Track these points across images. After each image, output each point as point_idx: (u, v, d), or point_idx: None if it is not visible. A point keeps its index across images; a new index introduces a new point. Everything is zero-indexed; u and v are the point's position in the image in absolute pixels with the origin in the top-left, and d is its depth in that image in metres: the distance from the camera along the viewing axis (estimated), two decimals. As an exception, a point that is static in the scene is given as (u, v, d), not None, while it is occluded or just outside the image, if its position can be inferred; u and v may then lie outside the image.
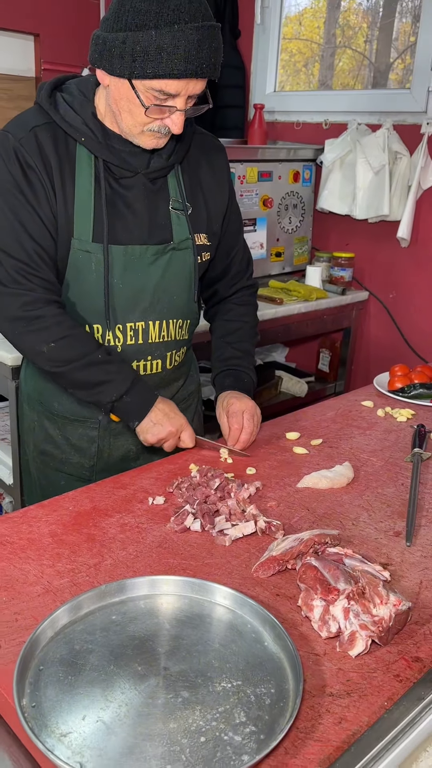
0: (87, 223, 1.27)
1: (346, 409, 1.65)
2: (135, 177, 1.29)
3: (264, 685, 0.79)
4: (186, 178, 1.37)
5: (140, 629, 0.87)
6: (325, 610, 0.88)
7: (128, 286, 1.32)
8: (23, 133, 1.23)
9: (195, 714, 0.74)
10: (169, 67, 1.08)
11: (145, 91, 1.13)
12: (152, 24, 1.07)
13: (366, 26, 3.08)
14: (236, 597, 0.91)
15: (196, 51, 1.08)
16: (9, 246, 1.25)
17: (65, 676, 0.79)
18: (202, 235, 1.40)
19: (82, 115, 1.25)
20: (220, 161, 1.44)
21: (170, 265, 1.35)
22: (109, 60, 1.12)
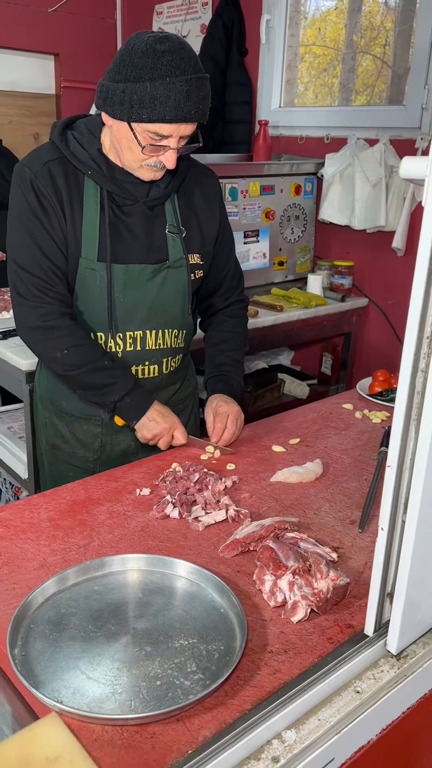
0: (93, 245, 1.46)
1: (327, 412, 1.79)
2: (135, 205, 1.48)
3: (215, 643, 0.94)
4: (181, 205, 1.55)
5: (116, 597, 1.03)
6: (274, 584, 1.03)
7: (128, 300, 1.51)
8: (38, 166, 1.42)
9: (155, 664, 0.90)
10: (161, 114, 1.27)
11: (142, 133, 1.32)
12: (147, 77, 1.25)
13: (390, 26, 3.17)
14: (199, 571, 1.06)
15: (185, 100, 1.27)
16: (28, 264, 1.45)
17: (51, 633, 0.95)
18: (196, 255, 1.57)
19: (89, 150, 1.44)
20: (213, 189, 1.62)
21: (166, 281, 1.53)
22: (111, 106, 1.31)
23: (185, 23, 3.60)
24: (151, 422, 1.50)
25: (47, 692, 0.85)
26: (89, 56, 3.92)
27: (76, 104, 3.96)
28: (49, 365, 1.55)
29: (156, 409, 1.52)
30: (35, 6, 3.66)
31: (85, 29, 3.87)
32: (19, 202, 1.45)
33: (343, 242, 3.06)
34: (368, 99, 3.40)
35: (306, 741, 0.79)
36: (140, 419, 1.51)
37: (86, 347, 1.48)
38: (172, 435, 1.53)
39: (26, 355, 2.06)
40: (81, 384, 1.51)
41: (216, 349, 1.70)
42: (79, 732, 0.80)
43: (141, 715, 0.81)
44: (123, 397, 1.49)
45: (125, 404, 1.50)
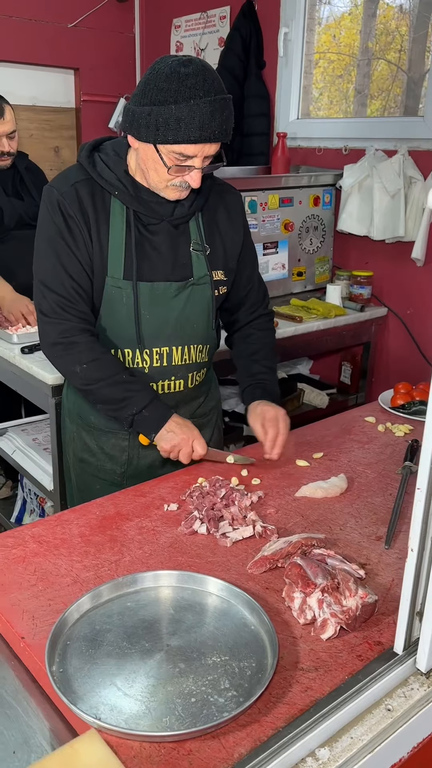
0: (119, 264, 1.49)
1: (349, 425, 1.80)
2: (160, 223, 1.51)
3: (247, 660, 0.96)
4: (205, 223, 1.58)
5: (149, 614, 1.05)
6: (303, 601, 1.05)
7: (154, 317, 1.54)
8: (66, 188, 1.47)
9: (188, 680, 0.92)
10: (186, 135, 1.31)
11: (167, 154, 1.36)
12: (172, 99, 1.29)
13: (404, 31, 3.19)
14: (229, 588, 1.08)
15: (209, 121, 1.30)
16: (52, 283, 1.49)
17: (87, 649, 0.98)
18: (219, 272, 1.61)
19: (115, 171, 1.48)
20: (236, 206, 1.65)
21: (190, 298, 1.56)
22: (137, 129, 1.35)
23: (203, 37, 3.64)
24: (169, 434, 1.52)
25: (86, 709, 0.88)
26: (109, 70, 3.98)
27: (95, 118, 4.02)
28: (69, 379, 1.59)
29: (174, 421, 1.53)
30: (55, 22, 3.72)
31: (104, 44, 3.93)
32: (47, 223, 1.49)
33: (362, 252, 3.08)
34: (383, 104, 3.42)
35: (339, 759, 0.81)
36: (159, 431, 1.53)
37: (105, 361, 1.51)
38: (192, 447, 1.54)
39: (52, 370, 2.09)
40: (100, 398, 1.54)
41: (249, 360, 1.72)
42: (117, 748, 0.83)
43: (178, 733, 0.83)
44: (141, 410, 1.51)
45: (143, 417, 1.52)
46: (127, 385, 1.51)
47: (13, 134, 2.77)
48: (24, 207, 2.91)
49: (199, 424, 1.74)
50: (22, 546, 1.24)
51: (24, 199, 2.93)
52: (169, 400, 1.63)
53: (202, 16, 3.61)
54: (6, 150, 2.77)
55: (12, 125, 2.75)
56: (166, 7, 3.83)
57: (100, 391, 1.52)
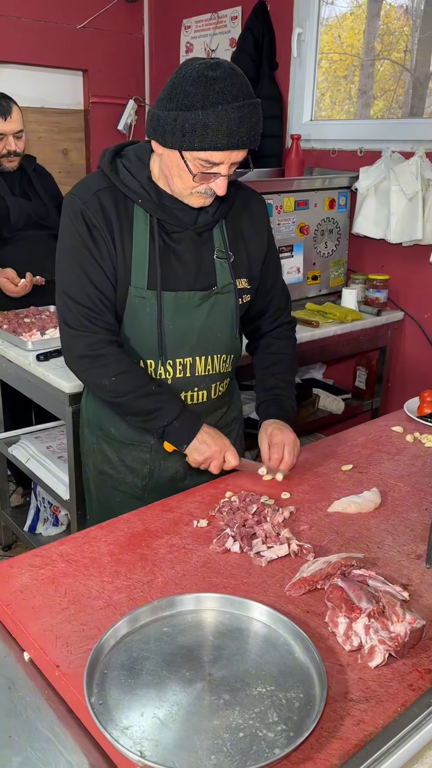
0: (143, 273, 1.45)
1: (376, 435, 1.76)
2: (184, 232, 1.47)
3: (294, 690, 0.92)
4: (229, 230, 1.54)
5: (188, 640, 1.01)
6: (348, 626, 1.01)
7: (178, 327, 1.50)
8: (88, 196, 1.42)
9: (235, 713, 0.88)
10: (213, 142, 1.26)
11: (193, 161, 1.31)
12: (199, 105, 1.24)
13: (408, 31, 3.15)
14: (271, 613, 1.04)
15: (237, 127, 1.25)
16: (76, 294, 1.45)
17: (126, 679, 0.94)
18: (243, 280, 1.56)
19: (138, 178, 1.43)
20: (260, 213, 1.61)
21: (214, 307, 1.52)
22: (162, 134, 1.31)
23: (214, 37, 3.60)
24: (202, 445, 1.49)
25: (129, 745, 0.84)
26: (118, 71, 3.94)
27: (104, 120, 3.97)
28: (97, 393, 1.55)
29: (206, 432, 1.50)
30: (64, 23, 3.68)
31: (113, 45, 3.88)
32: (70, 233, 1.45)
33: (377, 256, 3.04)
34: (386, 105, 3.39)
35: (401, 800, 0.77)
36: (190, 443, 1.49)
37: (134, 374, 1.48)
38: (223, 458, 1.51)
39: (69, 378, 2.05)
40: (130, 410, 1.51)
41: (266, 372, 1.69)
42: (166, 789, 0.78)
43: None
44: (172, 421, 1.48)
45: (174, 429, 1.49)
46: (157, 396, 1.48)
47: (20, 134, 2.74)
48: (32, 207, 2.88)
49: None
50: (51, 566, 1.20)
51: (32, 200, 2.90)
52: (192, 409, 1.59)
53: (212, 17, 3.57)
54: (13, 149, 2.73)
55: (19, 124, 2.72)
56: (176, 8, 3.79)
57: (129, 403, 1.49)
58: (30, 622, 1.05)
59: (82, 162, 4.02)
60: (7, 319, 2.56)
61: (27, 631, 1.03)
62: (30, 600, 1.10)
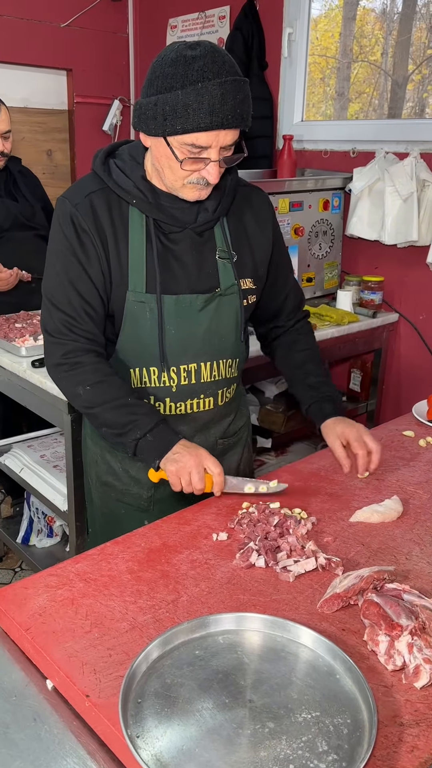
0: (140, 277, 1.39)
1: (388, 440, 1.73)
2: (183, 232, 1.40)
3: (340, 715, 0.88)
4: (231, 228, 1.47)
5: (222, 664, 0.96)
6: (390, 645, 0.97)
7: (180, 332, 1.43)
8: (79, 199, 1.36)
9: (282, 743, 0.83)
10: (195, 122, 1.18)
11: (179, 147, 1.23)
12: (179, 85, 1.17)
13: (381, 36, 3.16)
14: (308, 633, 1.00)
15: (220, 104, 1.17)
16: (59, 301, 1.39)
17: (161, 708, 0.88)
18: (248, 280, 1.50)
19: (132, 178, 1.36)
20: (263, 208, 1.54)
21: (218, 310, 1.46)
22: (145, 122, 1.24)
23: (201, 37, 3.55)
24: (176, 455, 1.35)
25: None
26: (102, 71, 3.87)
27: (89, 120, 3.90)
28: (73, 402, 1.46)
29: (182, 444, 1.37)
30: (47, 21, 3.60)
31: (97, 44, 3.81)
32: (58, 237, 1.38)
33: (371, 257, 3.01)
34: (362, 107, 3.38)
35: None
36: (163, 456, 1.36)
37: (110, 384, 1.40)
38: (203, 469, 1.35)
39: (67, 385, 1.99)
40: (104, 422, 1.41)
41: (302, 371, 1.62)
42: None
43: None
44: (145, 434, 1.37)
45: (147, 443, 1.37)
46: (132, 408, 1.39)
47: (7, 134, 2.69)
48: (18, 208, 2.82)
49: (229, 444, 1.66)
50: (68, 585, 1.14)
51: (18, 201, 2.84)
52: (199, 419, 1.54)
53: (200, 16, 3.52)
54: (0, 150, 2.67)
55: (7, 125, 2.66)
56: (162, 7, 3.74)
57: (103, 414, 1.40)
58: (52, 648, 0.99)
59: (67, 163, 3.95)
60: (-2, 324, 2.48)
61: (51, 658, 0.97)
62: (50, 623, 1.04)
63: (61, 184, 3.91)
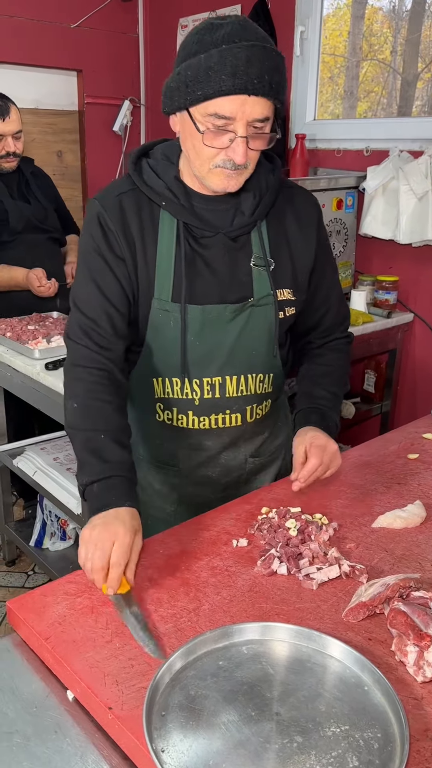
0: (167, 284, 1.32)
1: (408, 443, 1.70)
2: (215, 236, 1.31)
3: (370, 729, 0.85)
4: (271, 232, 1.36)
5: (247, 675, 0.94)
6: (419, 656, 0.94)
7: (205, 343, 1.35)
8: (109, 200, 1.30)
9: (311, 759, 0.81)
10: (217, 84, 1.09)
11: (202, 120, 1.14)
12: (202, 49, 1.10)
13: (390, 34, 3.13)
14: (334, 643, 0.97)
15: (245, 67, 1.07)
16: (81, 302, 1.32)
17: (186, 721, 0.86)
18: (286, 290, 1.38)
19: (164, 178, 1.29)
20: (308, 212, 1.41)
21: (249, 322, 1.36)
22: (170, 98, 1.17)
23: (212, 36, 3.53)
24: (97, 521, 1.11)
25: None
26: (113, 72, 3.86)
27: (99, 121, 3.89)
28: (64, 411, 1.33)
29: (113, 513, 1.12)
30: (57, 22, 3.59)
31: (107, 45, 3.81)
32: (86, 238, 1.33)
33: (385, 257, 2.99)
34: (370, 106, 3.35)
35: None
36: (93, 515, 1.13)
37: (96, 410, 1.25)
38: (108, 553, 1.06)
39: (81, 388, 1.97)
40: (74, 447, 1.26)
41: (312, 382, 1.49)
42: None
43: None
44: (93, 482, 1.17)
45: (92, 492, 1.17)
46: (98, 447, 1.20)
47: (18, 134, 2.70)
48: (31, 210, 2.82)
49: (261, 463, 1.57)
50: (87, 593, 1.12)
51: (30, 203, 2.84)
52: (225, 435, 1.47)
53: (210, 15, 3.50)
54: (12, 150, 2.68)
55: (18, 125, 2.68)
56: (172, 7, 3.72)
57: (74, 438, 1.26)
58: (73, 658, 0.97)
59: (78, 164, 3.94)
60: (10, 326, 2.47)
61: (71, 669, 0.95)
62: (70, 633, 1.02)
63: (72, 185, 3.90)
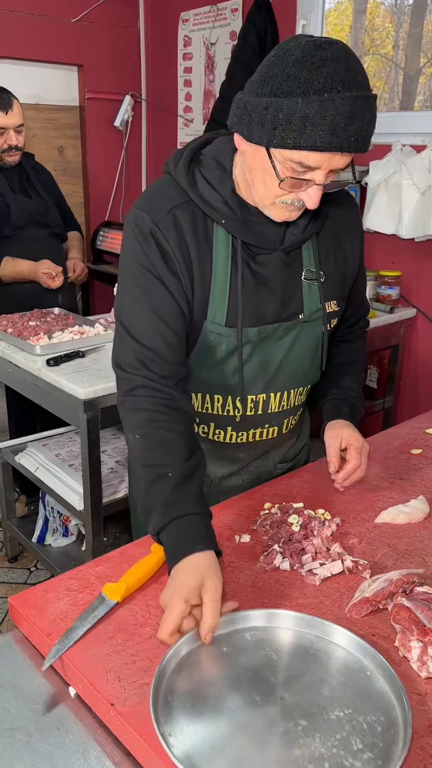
0: (222, 306, 1.24)
1: (410, 438, 1.69)
2: (272, 254, 1.25)
3: (373, 713, 0.86)
4: (320, 244, 1.31)
5: (251, 661, 0.94)
6: (423, 651, 0.94)
7: (255, 362, 1.30)
8: (161, 215, 1.18)
9: (316, 741, 0.81)
10: (312, 139, 0.99)
11: (283, 162, 1.05)
12: (300, 91, 0.98)
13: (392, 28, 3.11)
14: (337, 630, 0.98)
15: (345, 123, 0.98)
16: (136, 330, 1.21)
17: (192, 706, 0.86)
18: (333, 302, 1.35)
19: (221, 192, 1.19)
20: (354, 217, 1.36)
21: (299, 338, 1.32)
22: (248, 125, 1.06)
23: (213, 30, 3.52)
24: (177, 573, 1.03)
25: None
26: (114, 67, 3.85)
27: (100, 116, 3.88)
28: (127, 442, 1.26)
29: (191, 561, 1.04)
30: (58, 16, 3.58)
31: (108, 39, 3.79)
32: (136, 257, 1.19)
33: (388, 251, 2.97)
34: None
35: None
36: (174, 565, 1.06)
37: (160, 443, 1.17)
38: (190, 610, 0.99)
39: (83, 383, 1.97)
40: (137, 480, 1.20)
41: (340, 369, 1.47)
42: None
43: None
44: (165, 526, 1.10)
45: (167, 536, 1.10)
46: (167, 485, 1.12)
47: (20, 128, 2.71)
48: (32, 205, 2.82)
49: (288, 467, 1.57)
50: (89, 589, 1.11)
51: (32, 197, 2.84)
52: (259, 447, 1.46)
53: (212, 9, 3.48)
54: (14, 143, 2.69)
55: (20, 118, 2.69)
56: (173, 1, 3.70)
57: (138, 472, 1.18)
58: (75, 654, 0.97)
59: (78, 159, 3.93)
60: (12, 322, 2.47)
61: (73, 664, 0.95)
62: (72, 629, 1.02)
63: (73, 180, 3.90)
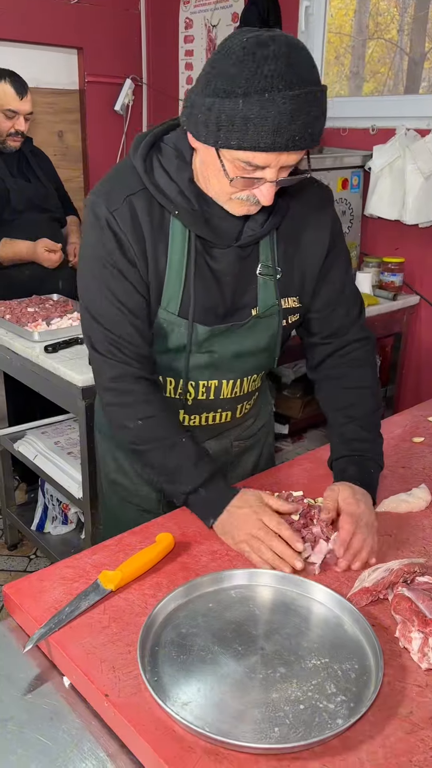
0: (175, 297, 1.23)
1: (412, 426, 1.67)
2: (228, 249, 1.23)
3: (348, 661, 0.91)
4: (280, 238, 1.27)
5: (235, 615, 0.99)
6: (423, 642, 0.92)
7: (205, 353, 1.30)
8: (117, 203, 1.17)
9: (292, 686, 0.87)
10: (255, 140, 0.98)
11: (232, 161, 1.04)
12: (241, 92, 0.96)
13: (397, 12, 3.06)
14: (317, 587, 1.03)
15: (288, 122, 0.97)
16: (102, 315, 1.22)
17: (177, 655, 0.91)
18: (291, 299, 1.31)
19: (178, 182, 1.17)
20: (322, 208, 1.30)
21: (252, 333, 1.30)
22: (195, 125, 1.05)
23: (215, 12, 3.46)
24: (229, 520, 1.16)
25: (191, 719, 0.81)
26: (114, 50, 3.79)
27: (100, 100, 3.83)
28: (119, 435, 1.32)
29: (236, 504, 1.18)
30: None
31: (108, 21, 3.73)
32: (93, 245, 1.20)
33: (391, 237, 2.94)
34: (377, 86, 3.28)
35: None
36: (216, 518, 1.19)
37: (161, 420, 1.25)
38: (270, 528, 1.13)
39: (81, 370, 1.95)
40: (151, 463, 1.26)
41: (342, 415, 1.36)
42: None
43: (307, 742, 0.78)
44: (197, 488, 1.21)
45: (200, 498, 1.21)
46: (185, 451, 1.22)
47: (30, 116, 2.71)
48: (32, 189, 2.81)
49: (246, 445, 1.56)
50: (85, 578, 1.10)
51: (31, 182, 2.82)
52: (212, 430, 1.45)
53: (213, -9, 3.42)
54: (21, 129, 2.68)
55: (32, 106, 2.70)
56: (174, -18, 3.64)
57: (151, 454, 1.25)
58: (69, 644, 0.95)
59: (78, 144, 3.88)
60: (10, 308, 2.44)
61: (68, 654, 0.93)
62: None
63: (72, 165, 3.85)
